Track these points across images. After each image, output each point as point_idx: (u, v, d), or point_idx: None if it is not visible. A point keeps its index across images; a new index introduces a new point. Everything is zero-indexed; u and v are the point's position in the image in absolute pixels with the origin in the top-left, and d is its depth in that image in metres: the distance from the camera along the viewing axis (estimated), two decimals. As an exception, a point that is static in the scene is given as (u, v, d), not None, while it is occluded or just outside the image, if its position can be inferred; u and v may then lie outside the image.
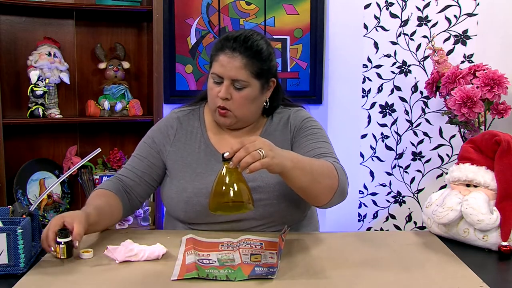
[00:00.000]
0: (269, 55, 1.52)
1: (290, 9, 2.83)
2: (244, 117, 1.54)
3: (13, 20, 2.54)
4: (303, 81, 2.89)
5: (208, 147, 1.58)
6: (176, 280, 1.14)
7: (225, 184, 1.23)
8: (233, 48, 1.47)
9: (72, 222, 1.27)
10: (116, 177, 1.59)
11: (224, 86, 1.48)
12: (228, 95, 1.48)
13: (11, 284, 1.12)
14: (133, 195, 1.58)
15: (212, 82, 1.51)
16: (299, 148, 1.54)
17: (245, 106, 1.51)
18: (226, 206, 1.24)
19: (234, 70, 1.46)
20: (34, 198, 2.53)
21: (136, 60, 2.74)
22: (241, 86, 1.48)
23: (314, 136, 1.55)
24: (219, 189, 1.24)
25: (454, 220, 1.39)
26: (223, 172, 1.23)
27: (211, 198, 1.26)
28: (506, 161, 1.37)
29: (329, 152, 1.50)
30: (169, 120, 1.63)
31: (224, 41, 1.49)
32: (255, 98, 1.52)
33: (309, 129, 1.58)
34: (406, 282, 1.16)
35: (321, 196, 1.38)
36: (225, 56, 1.47)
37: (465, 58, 2.51)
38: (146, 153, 1.60)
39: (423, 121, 2.65)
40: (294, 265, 1.24)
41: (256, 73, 1.48)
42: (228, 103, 1.50)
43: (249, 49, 1.47)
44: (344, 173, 1.45)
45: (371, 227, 2.82)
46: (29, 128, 2.61)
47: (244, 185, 1.25)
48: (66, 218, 1.28)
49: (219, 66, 1.48)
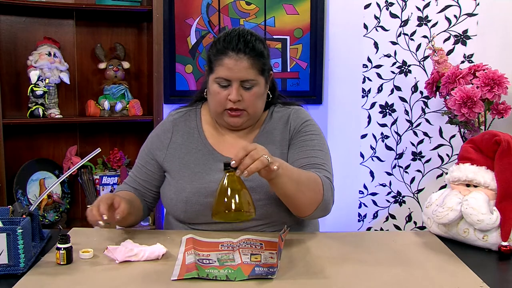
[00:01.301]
0: (266, 49, 1.55)
1: (290, 9, 2.83)
2: (255, 114, 1.57)
3: (13, 20, 2.54)
4: (303, 81, 2.89)
5: (206, 147, 1.58)
6: (176, 280, 1.14)
7: (228, 193, 1.23)
8: (238, 49, 1.47)
9: (120, 201, 1.38)
10: (124, 184, 1.65)
11: (234, 89, 1.48)
12: (240, 97, 1.49)
13: (11, 284, 1.12)
14: (144, 201, 1.63)
15: (218, 86, 1.51)
16: (295, 151, 1.55)
17: (256, 103, 1.53)
18: (229, 215, 1.25)
19: (243, 71, 1.47)
20: (34, 198, 2.53)
21: (136, 60, 2.74)
22: (250, 86, 1.50)
23: (312, 142, 1.56)
24: (221, 198, 1.24)
25: (454, 220, 1.39)
26: (226, 181, 1.24)
27: (214, 206, 1.26)
28: (506, 161, 1.37)
29: (322, 163, 1.51)
30: (165, 124, 1.65)
31: (224, 44, 1.49)
32: (262, 94, 1.55)
33: (307, 133, 1.58)
34: (406, 282, 1.16)
35: (303, 207, 1.41)
36: (230, 59, 1.47)
37: (465, 58, 2.51)
38: (144, 161, 1.63)
39: (423, 121, 2.65)
40: (294, 265, 1.24)
41: (262, 70, 1.51)
42: (240, 104, 1.51)
43: (252, 47, 1.48)
44: (331, 189, 1.48)
45: (371, 227, 2.82)
46: (29, 128, 2.61)
47: (247, 193, 1.26)
48: (116, 198, 1.39)
49: (226, 70, 1.48)
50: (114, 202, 1.37)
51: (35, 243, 1.31)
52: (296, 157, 1.53)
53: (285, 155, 1.57)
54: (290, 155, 1.56)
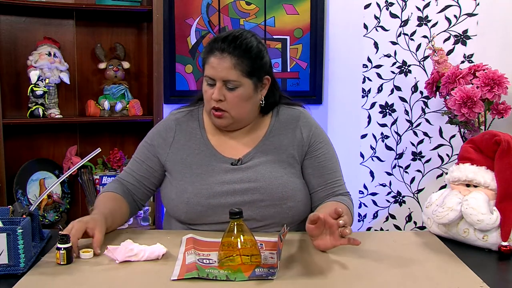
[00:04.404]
0: (259, 52, 1.51)
1: (290, 9, 2.83)
2: (240, 117, 1.54)
3: (13, 20, 2.54)
4: (303, 81, 2.90)
5: (208, 148, 1.58)
6: (176, 280, 1.14)
7: (232, 240, 1.21)
8: (222, 49, 1.46)
9: (93, 229, 1.32)
10: (118, 179, 1.62)
11: (217, 88, 1.48)
12: (222, 96, 1.48)
13: (11, 284, 1.12)
14: (135, 198, 1.60)
15: (206, 84, 1.51)
16: (313, 175, 1.58)
17: (239, 105, 1.50)
18: (232, 259, 1.22)
19: (225, 71, 1.46)
20: (34, 198, 2.53)
21: (136, 60, 2.74)
22: (233, 86, 1.48)
23: (327, 162, 1.59)
24: (226, 243, 1.22)
25: (454, 220, 1.39)
26: (232, 229, 1.22)
27: (219, 250, 1.24)
28: (506, 161, 1.37)
29: (341, 184, 1.60)
30: (168, 122, 1.63)
31: (213, 43, 1.49)
32: (249, 97, 1.51)
33: (321, 150, 1.59)
34: (406, 282, 1.16)
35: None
36: (215, 57, 1.47)
37: (465, 58, 2.51)
38: (144, 156, 1.61)
39: (423, 121, 2.65)
40: (294, 265, 1.24)
41: (247, 72, 1.48)
42: (223, 104, 1.49)
43: (238, 48, 1.46)
44: (353, 205, 1.60)
45: (371, 227, 2.82)
46: (29, 128, 2.61)
47: (252, 240, 1.23)
48: (89, 225, 1.32)
49: (210, 68, 1.48)
50: (87, 231, 1.32)
51: (35, 243, 1.31)
52: (316, 185, 1.58)
53: (292, 159, 1.57)
54: (308, 177, 1.58)
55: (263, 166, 1.53)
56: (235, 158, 1.55)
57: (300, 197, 1.54)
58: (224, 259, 1.20)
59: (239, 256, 1.18)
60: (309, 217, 1.29)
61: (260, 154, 1.56)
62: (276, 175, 1.52)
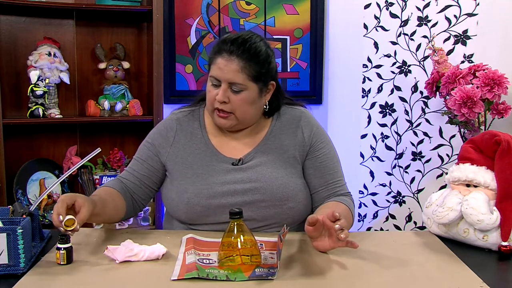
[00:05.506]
0: (268, 57, 1.50)
1: (290, 9, 2.83)
2: (244, 119, 1.54)
3: (13, 20, 2.54)
4: (303, 81, 2.90)
5: (209, 148, 1.58)
6: (176, 280, 1.14)
7: (232, 240, 1.21)
8: (230, 51, 1.46)
9: (81, 206, 1.29)
10: (118, 178, 1.61)
11: (222, 90, 1.47)
12: (226, 98, 1.48)
13: (11, 284, 1.12)
14: (135, 197, 1.60)
15: (211, 84, 1.51)
16: (314, 170, 1.58)
17: (243, 108, 1.50)
18: (232, 259, 1.22)
19: (231, 73, 1.46)
20: (34, 198, 2.53)
21: (136, 60, 2.74)
22: (238, 89, 1.47)
23: (328, 162, 1.59)
24: (226, 243, 1.22)
25: (454, 220, 1.39)
26: (232, 229, 1.22)
27: (219, 250, 1.24)
28: (506, 161, 1.37)
29: (342, 185, 1.60)
30: (169, 122, 1.63)
31: (221, 44, 1.49)
32: (254, 101, 1.51)
33: (322, 150, 1.60)
34: (406, 282, 1.16)
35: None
36: (223, 59, 1.46)
37: (465, 58, 2.51)
38: (145, 156, 1.60)
39: (423, 121, 2.65)
40: (294, 265, 1.24)
41: (254, 76, 1.47)
42: (226, 106, 1.49)
43: (246, 51, 1.46)
44: (354, 205, 1.60)
45: (371, 227, 2.82)
46: (29, 128, 2.61)
47: (252, 240, 1.23)
48: (78, 199, 1.30)
49: (217, 69, 1.47)
50: (75, 205, 1.29)
51: (35, 243, 1.31)
52: (317, 185, 1.58)
53: (293, 159, 1.57)
54: (309, 178, 1.58)
55: (264, 166, 1.53)
56: (236, 158, 1.55)
57: (300, 198, 1.54)
58: (224, 259, 1.20)
59: (239, 256, 1.19)
60: (308, 219, 1.29)
61: (261, 154, 1.56)
62: (276, 176, 1.52)
